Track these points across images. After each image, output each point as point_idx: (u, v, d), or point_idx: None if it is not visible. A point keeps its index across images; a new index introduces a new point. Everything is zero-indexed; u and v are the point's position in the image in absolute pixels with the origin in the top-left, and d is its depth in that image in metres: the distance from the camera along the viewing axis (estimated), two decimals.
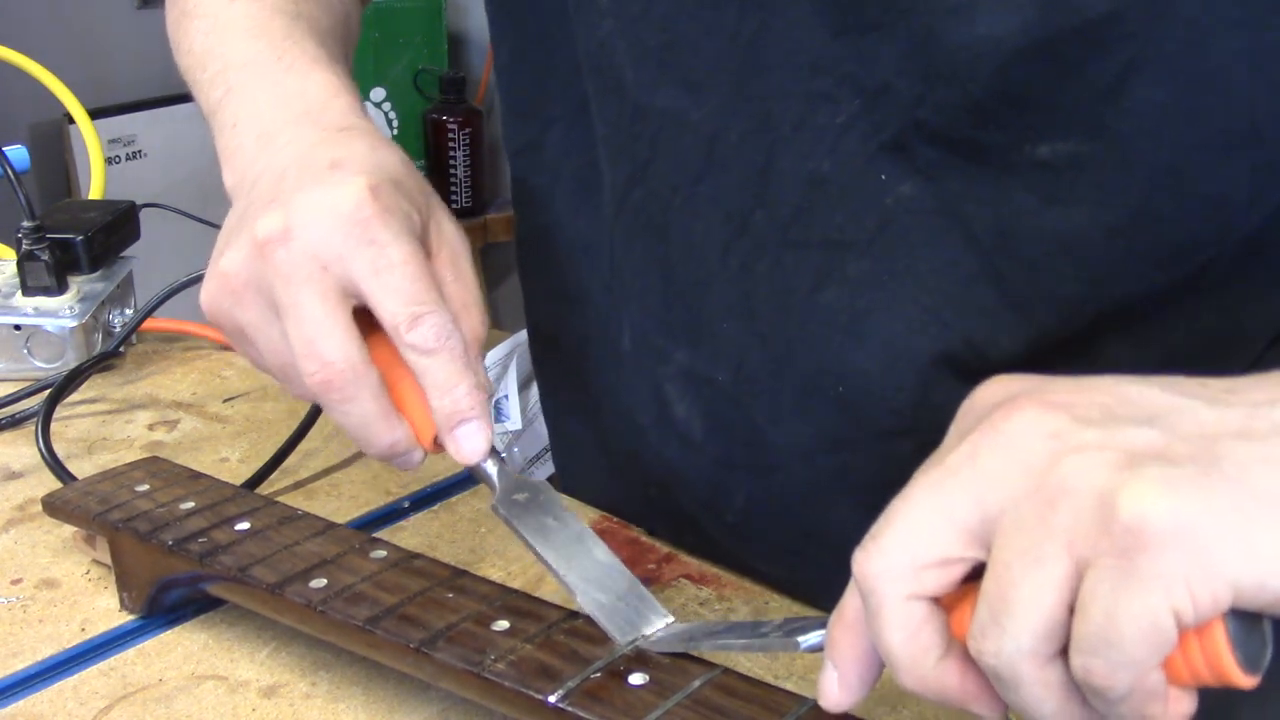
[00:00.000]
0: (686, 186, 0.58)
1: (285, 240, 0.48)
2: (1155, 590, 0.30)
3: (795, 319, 0.57)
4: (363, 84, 2.26)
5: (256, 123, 0.56)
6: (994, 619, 0.33)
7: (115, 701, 0.52)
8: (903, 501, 0.35)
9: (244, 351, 0.53)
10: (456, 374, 0.49)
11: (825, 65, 0.52)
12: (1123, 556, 0.31)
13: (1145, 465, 0.31)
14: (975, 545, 0.34)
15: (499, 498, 0.50)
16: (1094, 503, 0.31)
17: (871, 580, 0.35)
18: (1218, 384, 0.35)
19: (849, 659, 0.37)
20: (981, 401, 0.37)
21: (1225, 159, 0.48)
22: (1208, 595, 0.30)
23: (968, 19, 0.48)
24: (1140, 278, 0.51)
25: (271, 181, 0.52)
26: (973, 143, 0.50)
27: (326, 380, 0.48)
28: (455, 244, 0.53)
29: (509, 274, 2.54)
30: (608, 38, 0.59)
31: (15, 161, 0.87)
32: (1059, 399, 0.34)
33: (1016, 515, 0.33)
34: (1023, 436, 0.34)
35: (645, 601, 0.47)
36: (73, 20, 2.05)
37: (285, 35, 0.60)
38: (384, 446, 0.50)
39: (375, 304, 0.49)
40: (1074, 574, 0.32)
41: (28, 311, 0.83)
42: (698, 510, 0.64)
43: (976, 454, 0.34)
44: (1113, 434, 0.33)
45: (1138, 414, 0.33)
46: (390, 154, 0.53)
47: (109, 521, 0.56)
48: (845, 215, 0.54)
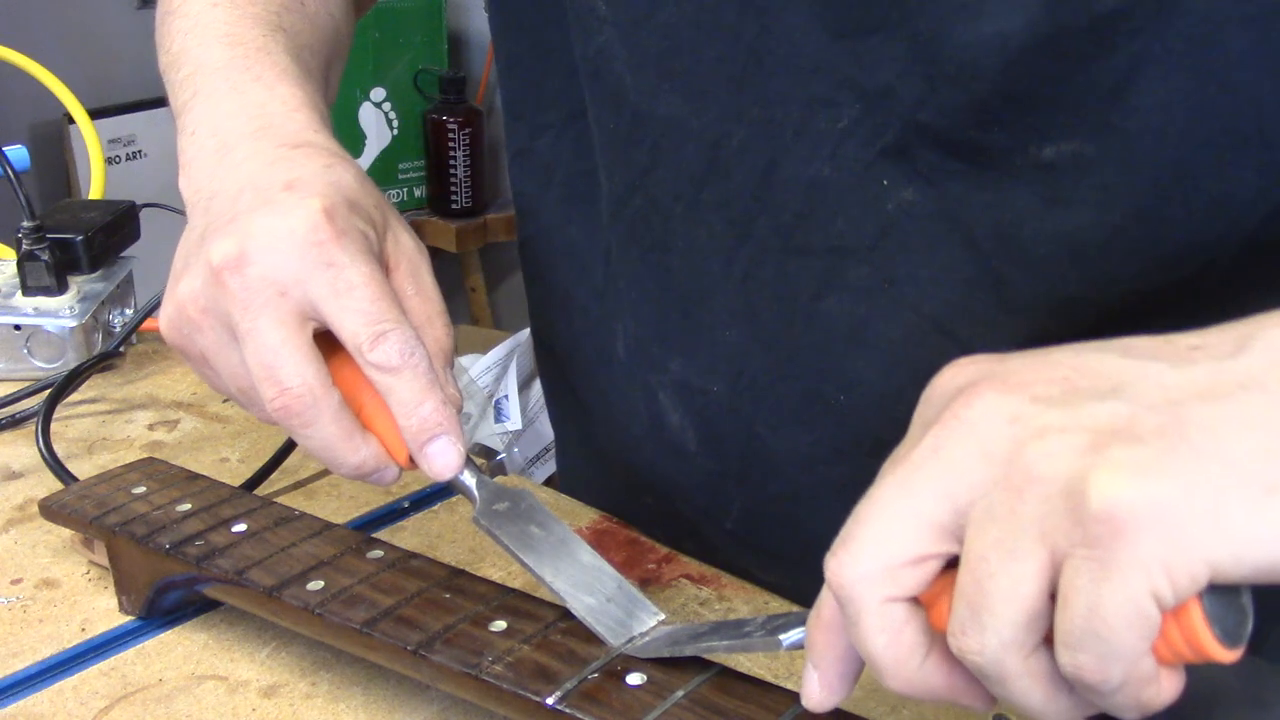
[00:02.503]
0: (689, 194, 0.58)
1: (241, 266, 0.48)
2: (1134, 577, 0.30)
3: (797, 327, 0.56)
4: (363, 84, 2.30)
5: (216, 133, 0.56)
6: (973, 615, 0.32)
7: (115, 701, 0.53)
8: (870, 502, 0.35)
9: (205, 376, 0.53)
10: (422, 391, 0.49)
11: (825, 69, 0.52)
12: (1098, 546, 0.30)
13: (1111, 447, 0.31)
14: (948, 540, 0.34)
15: (479, 509, 0.50)
16: (1063, 490, 0.31)
17: (847, 587, 0.34)
18: (1181, 340, 0.34)
19: (829, 659, 0.37)
20: (941, 389, 0.36)
21: (1231, 158, 0.47)
22: (1185, 575, 0.30)
23: (974, 17, 0.47)
24: (1143, 280, 0.50)
25: (227, 201, 0.52)
26: (975, 145, 0.50)
27: (286, 405, 0.48)
28: (414, 256, 0.53)
29: (509, 274, 2.54)
30: (607, 44, 0.58)
31: (15, 161, 0.87)
32: (1017, 379, 0.34)
33: (986, 506, 0.33)
34: (984, 423, 0.33)
35: (635, 601, 0.47)
36: (73, 20, 2.05)
37: (259, 46, 0.60)
38: (350, 468, 0.50)
39: (336, 325, 0.49)
40: (1050, 563, 0.32)
41: (28, 311, 0.83)
42: (695, 517, 0.64)
43: (939, 446, 0.34)
44: (1075, 412, 0.32)
45: (1099, 385, 0.33)
46: (345, 171, 0.53)
47: (106, 525, 0.56)
48: (846, 221, 0.54)
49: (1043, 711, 0.33)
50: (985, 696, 0.35)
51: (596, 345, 0.67)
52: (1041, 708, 0.33)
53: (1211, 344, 0.34)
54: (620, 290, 0.63)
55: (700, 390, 0.60)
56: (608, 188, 0.62)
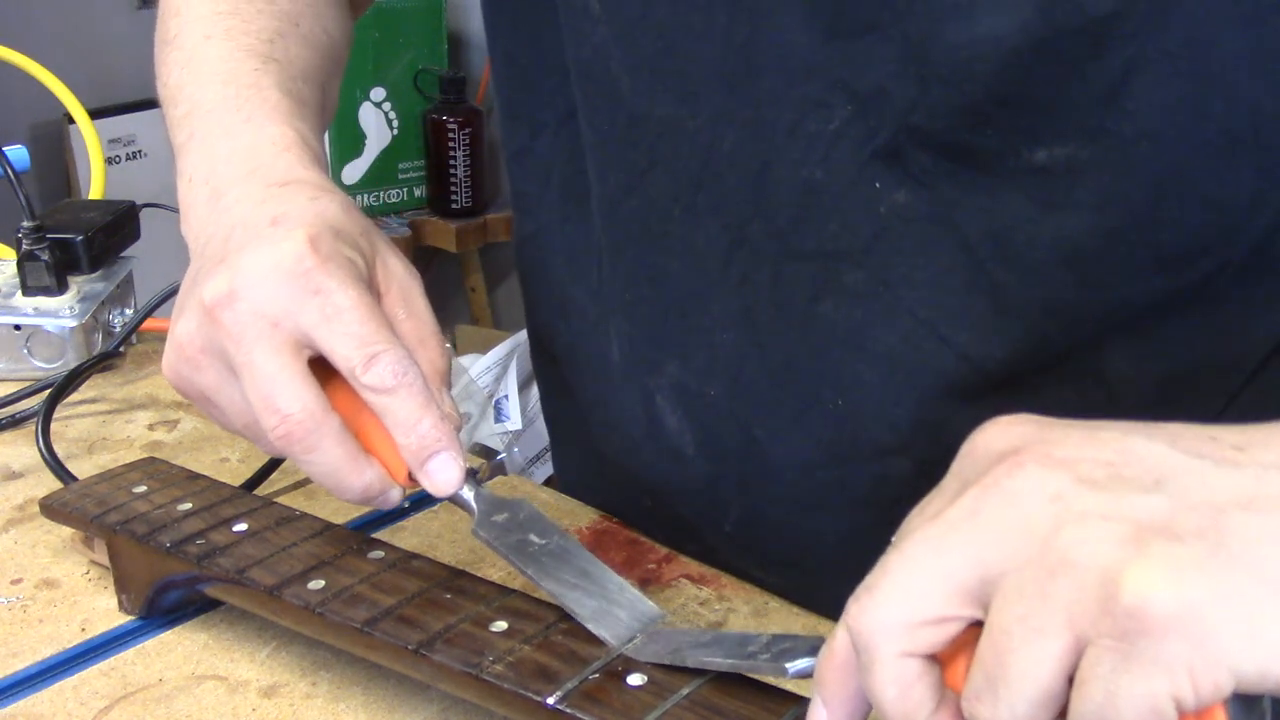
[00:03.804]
0: (686, 196, 0.58)
1: (231, 302, 0.49)
2: (1156, 675, 0.30)
3: (795, 331, 0.56)
4: (363, 84, 2.30)
5: (210, 180, 0.57)
6: (989, 686, 0.32)
7: (115, 701, 0.53)
8: (899, 555, 0.35)
9: (211, 416, 0.53)
10: (419, 409, 0.49)
11: (817, 71, 0.52)
12: (1124, 639, 0.30)
13: (1150, 543, 0.31)
14: (972, 604, 0.34)
15: (478, 521, 0.50)
16: (1097, 580, 0.31)
17: (866, 635, 0.34)
18: (1228, 437, 0.34)
19: (839, 699, 0.37)
20: (984, 448, 0.36)
21: (1227, 161, 0.47)
22: (1210, 683, 0.30)
23: (968, 18, 0.47)
24: (1139, 285, 0.50)
25: (219, 243, 0.53)
26: (968, 148, 0.50)
27: (288, 432, 0.48)
28: (404, 280, 0.54)
29: (509, 274, 2.54)
30: (601, 44, 0.58)
31: (15, 161, 0.87)
32: (1063, 454, 0.34)
33: (1017, 581, 0.32)
34: (1025, 497, 0.33)
35: (637, 603, 0.47)
36: (73, 20, 2.05)
37: (251, 83, 0.61)
38: (357, 491, 0.50)
39: (329, 350, 0.49)
40: (1073, 648, 0.31)
41: (28, 311, 0.83)
42: (694, 520, 0.64)
43: (977, 511, 0.34)
44: (1117, 501, 0.32)
45: (1143, 476, 0.33)
46: (330, 202, 0.54)
47: (106, 524, 0.56)
48: (840, 224, 0.53)
49: None
50: None
51: (593, 347, 0.67)
52: None
53: (1257, 445, 0.34)
54: (617, 292, 0.63)
55: (697, 393, 0.60)
56: (601, 189, 0.62)
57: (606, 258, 0.63)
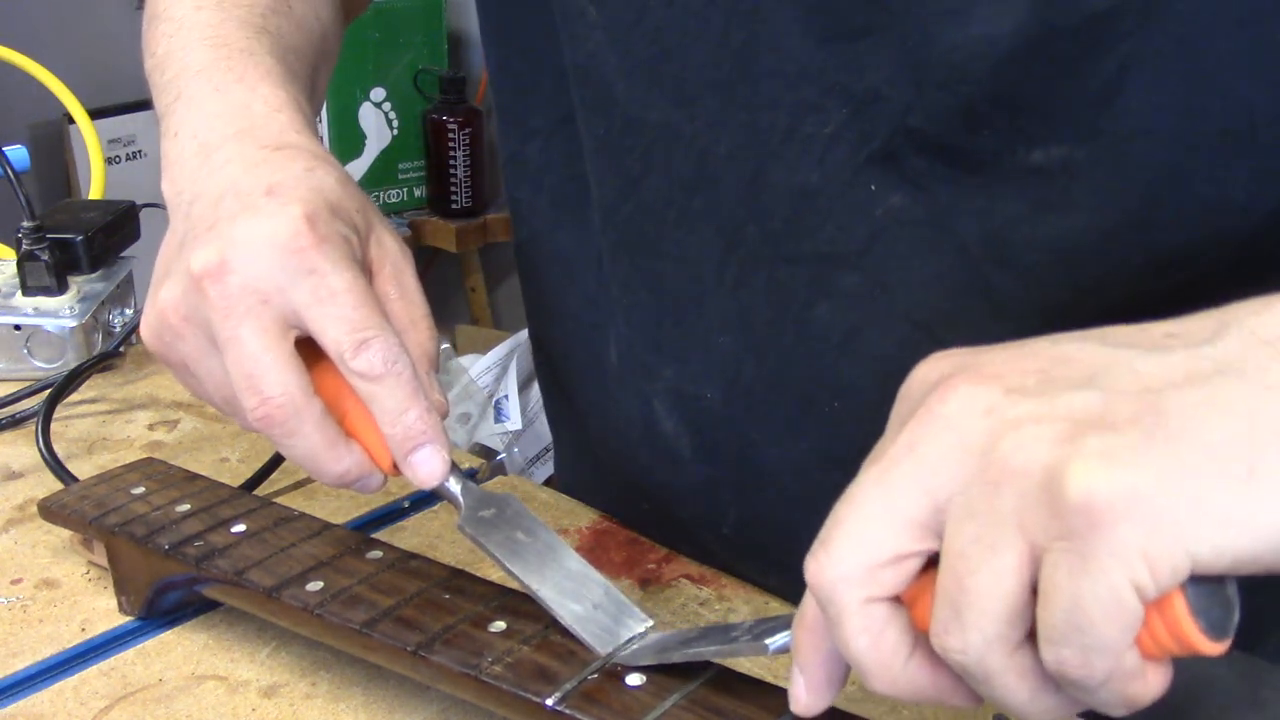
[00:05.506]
0: (681, 200, 0.58)
1: (221, 275, 0.48)
2: (1114, 569, 0.30)
3: (790, 334, 0.56)
4: (363, 84, 2.30)
5: (198, 135, 0.55)
6: (955, 613, 0.32)
7: (115, 701, 0.53)
8: (848, 502, 0.35)
9: (187, 384, 0.52)
10: (406, 399, 0.48)
11: (812, 74, 0.52)
12: (1076, 538, 0.30)
13: (1086, 436, 0.31)
14: (927, 537, 0.33)
15: (464, 516, 0.49)
16: (1039, 483, 0.31)
17: (827, 588, 0.34)
18: (1158, 328, 0.34)
19: (814, 663, 0.37)
20: (917, 384, 0.36)
21: (1223, 161, 0.47)
22: (1166, 565, 0.29)
23: (963, 19, 0.47)
24: (1136, 284, 0.50)
25: (208, 206, 0.51)
26: (963, 150, 0.50)
27: (267, 415, 0.48)
28: (397, 259, 0.53)
29: (509, 274, 2.54)
30: (597, 49, 0.58)
31: (15, 161, 0.87)
32: (992, 370, 0.34)
33: (964, 501, 0.32)
34: (959, 417, 0.33)
35: (623, 608, 0.46)
36: (73, 20, 2.05)
37: (243, 48, 0.59)
38: (333, 477, 0.50)
39: (318, 333, 0.48)
40: (1030, 557, 0.31)
41: (28, 311, 0.83)
42: (692, 523, 0.64)
43: (915, 442, 0.34)
44: (1050, 402, 0.32)
45: (1074, 375, 0.33)
46: (327, 174, 0.52)
47: (105, 525, 0.56)
48: (835, 228, 0.53)
49: (1029, 709, 0.33)
50: (971, 695, 0.35)
51: (590, 351, 0.67)
52: (1028, 705, 0.33)
53: (1187, 331, 0.33)
54: (613, 297, 0.63)
55: (694, 397, 0.60)
56: (598, 195, 0.62)
57: (605, 262, 0.63)
